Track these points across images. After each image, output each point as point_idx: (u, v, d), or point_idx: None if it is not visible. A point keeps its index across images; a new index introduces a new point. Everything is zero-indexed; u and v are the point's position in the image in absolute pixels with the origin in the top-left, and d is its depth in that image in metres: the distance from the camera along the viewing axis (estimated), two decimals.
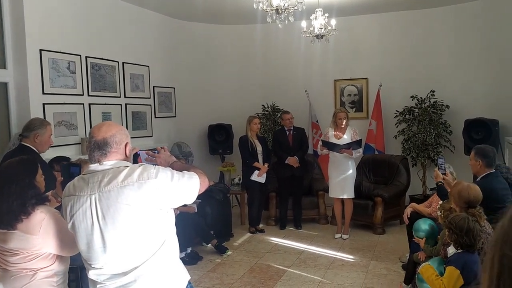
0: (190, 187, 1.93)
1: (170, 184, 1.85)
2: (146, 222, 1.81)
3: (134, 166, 1.87)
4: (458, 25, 6.53)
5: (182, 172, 1.94)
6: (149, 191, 1.79)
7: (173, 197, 1.89)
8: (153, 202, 1.81)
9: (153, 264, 1.84)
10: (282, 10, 4.31)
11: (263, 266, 4.88)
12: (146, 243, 1.83)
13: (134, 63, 6.02)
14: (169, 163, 2.14)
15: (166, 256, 1.89)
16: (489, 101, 6.27)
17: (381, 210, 5.88)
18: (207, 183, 2.04)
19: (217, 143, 7.20)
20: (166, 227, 1.90)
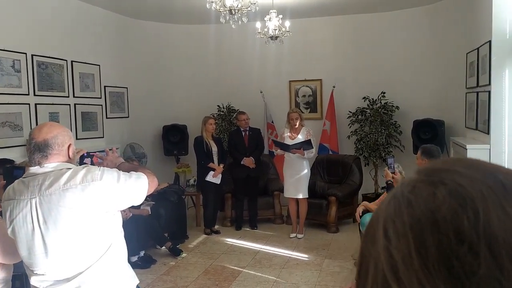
0: (138, 188, 1.89)
1: (116, 185, 1.80)
2: (91, 226, 1.75)
3: (77, 168, 1.81)
4: (407, 29, 6.76)
5: (129, 173, 1.89)
6: (93, 194, 1.73)
7: (120, 199, 1.84)
8: (98, 205, 1.75)
9: (98, 269, 1.78)
10: (235, 11, 4.31)
11: (218, 267, 4.86)
12: (91, 248, 1.77)
13: (83, 61, 5.83)
14: (116, 164, 2.09)
15: (112, 261, 1.84)
16: (435, 103, 6.53)
17: (335, 209, 5.99)
18: (156, 183, 2.00)
19: (172, 144, 7.10)
20: (113, 230, 1.85)
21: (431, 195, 0.43)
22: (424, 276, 0.41)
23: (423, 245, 0.42)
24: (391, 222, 0.45)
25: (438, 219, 0.42)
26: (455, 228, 0.41)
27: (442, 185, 0.44)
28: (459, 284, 0.40)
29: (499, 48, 4.32)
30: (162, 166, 7.15)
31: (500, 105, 4.37)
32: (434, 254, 0.41)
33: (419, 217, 0.43)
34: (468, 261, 0.40)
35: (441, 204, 0.42)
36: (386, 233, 0.45)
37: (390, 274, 0.43)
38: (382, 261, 0.44)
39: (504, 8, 4.29)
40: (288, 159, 5.76)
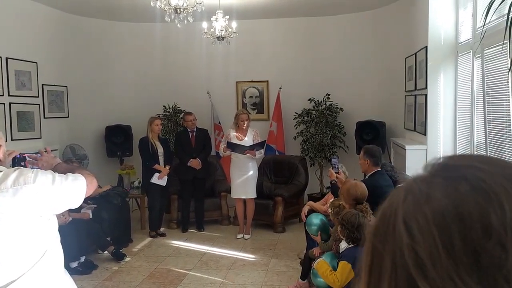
0: (75, 190, 1.79)
1: (50, 188, 1.70)
2: (23, 231, 1.65)
3: (8, 170, 1.69)
4: (350, 33, 6.97)
5: (65, 175, 1.80)
6: (26, 198, 1.63)
7: (55, 202, 1.74)
8: (31, 209, 1.65)
9: (32, 277, 1.68)
10: (181, 10, 4.25)
11: (163, 270, 4.76)
12: (24, 255, 1.66)
13: (19, 59, 5.52)
14: (52, 165, 1.98)
15: (48, 268, 1.74)
16: (377, 105, 6.77)
17: (281, 209, 6.05)
18: (95, 184, 1.91)
19: (115, 145, 6.89)
20: (48, 235, 1.75)
21: (453, 190, 0.44)
22: (453, 271, 0.41)
23: (450, 240, 0.42)
24: (413, 218, 0.44)
25: (464, 213, 0.42)
26: (482, 222, 0.41)
27: (463, 180, 0.44)
28: (488, 277, 0.40)
29: (434, 54, 4.55)
30: (105, 167, 6.91)
31: (435, 107, 4.61)
32: (461, 249, 0.41)
33: (443, 212, 0.43)
34: (496, 255, 0.40)
35: (465, 199, 0.43)
36: (408, 230, 0.44)
37: (416, 271, 0.43)
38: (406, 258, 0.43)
39: (439, 16, 4.53)
40: (235, 160, 5.76)
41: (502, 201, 0.42)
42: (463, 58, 4.26)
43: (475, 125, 3.92)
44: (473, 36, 3.90)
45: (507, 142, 3.07)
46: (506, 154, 3.11)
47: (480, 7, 3.71)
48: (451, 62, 4.51)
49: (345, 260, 2.97)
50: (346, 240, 3.06)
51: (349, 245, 3.05)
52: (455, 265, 0.41)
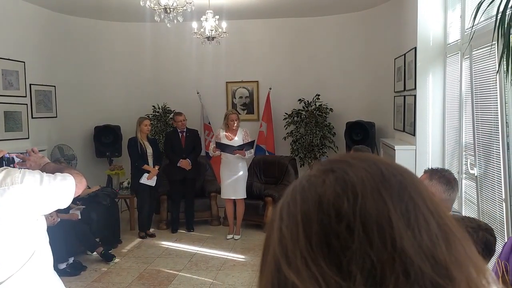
0: (64, 189, 1.77)
1: (39, 188, 1.68)
2: (11, 232, 1.62)
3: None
4: (340, 34, 6.99)
5: (54, 174, 1.78)
6: (13, 198, 1.61)
7: (44, 203, 1.72)
8: (19, 210, 1.63)
9: (20, 278, 1.66)
10: (170, 10, 4.23)
11: (153, 271, 4.74)
12: (11, 256, 1.64)
13: (6, 58, 5.45)
14: (40, 165, 1.95)
15: (36, 269, 1.72)
16: (366, 105, 6.81)
17: (271, 209, 6.04)
18: (84, 184, 1.88)
19: (104, 145, 6.83)
20: (36, 236, 1.73)
21: (321, 181, 0.49)
22: (308, 253, 0.46)
23: (309, 224, 0.47)
24: (286, 205, 0.50)
25: (323, 201, 0.47)
26: (336, 208, 0.46)
27: (331, 172, 0.50)
28: (336, 258, 0.45)
29: (423, 55, 4.58)
30: (94, 168, 6.85)
31: (424, 108, 4.64)
32: (317, 232, 0.46)
33: (309, 200, 0.48)
34: (344, 237, 0.45)
35: (327, 188, 0.48)
36: (280, 215, 0.50)
37: (279, 251, 0.48)
38: (275, 240, 0.49)
39: (428, 18, 4.56)
40: (225, 160, 5.75)
41: (357, 191, 0.47)
42: (451, 59, 4.30)
43: (464, 125, 3.95)
44: (462, 37, 3.93)
45: (495, 142, 3.10)
46: (494, 154, 3.14)
47: (469, 9, 3.75)
48: (439, 63, 4.54)
49: None
50: None
51: None
52: (309, 245, 0.46)
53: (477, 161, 3.50)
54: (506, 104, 2.92)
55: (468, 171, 3.78)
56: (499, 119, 2.98)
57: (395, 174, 0.50)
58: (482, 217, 3.35)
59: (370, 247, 0.44)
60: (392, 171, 0.51)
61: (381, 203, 0.46)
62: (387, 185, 0.48)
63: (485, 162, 3.34)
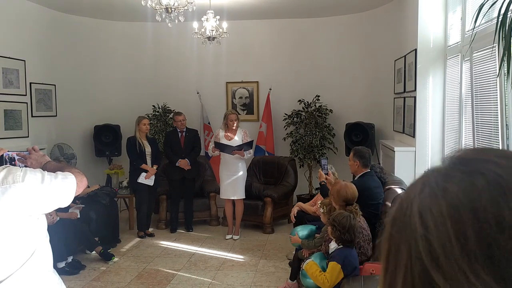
0: (65, 188, 1.76)
1: (40, 187, 1.67)
2: (12, 231, 1.62)
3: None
4: (340, 35, 7.00)
5: (55, 173, 1.77)
6: (15, 197, 1.60)
7: (45, 201, 1.71)
8: (20, 208, 1.63)
9: (21, 277, 1.66)
10: (172, 9, 4.23)
11: (152, 271, 4.73)
12: (12, 254, 1.64)
13: (7, 56, 5.45)
14: (41, 163, 1.95)
15: (36, 268, 1.71)
16: (366, 107, 6.81)
17: (270, 210, 6.05)
18: (85, 183, 1.88)
19: (104, 144, 6.83)
20: (36, 235, 1.73)
21: (469, 185, 0.44)
22: (465, 263, 0.42)
23: (463, 233, 0.43)
24: (428, 210, 0.45)
25: (478, 208, 0.43)
26: (496, 217, 0.42)
27: (480, 174, 0.45)
28: (499, 270, 0.41)
29: (423, 56, 4.59)
30: (93, 167, 6.86)
31: (424, 110, 4.65)
32: (474, 242, 0.42)
33: (458, 205, 0.44)
34: (508, 249, 0.41)
35: (480, 194, 0.43)
36: (422, 221, 0.45)
37: (429, 261, 0.44)
38: (420, 249, 0.45)
39: (429, 19, 4.57)
40: (224, 160, 5.75)
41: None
42: (452, 61, 4.31)
43: (463, 127, 3.96)
44: (462, 39, 3.94)
45: (495, 144, 3.10)
46: None
47: (469, 11, 3.76)
48: (440, 65, 4.55)
49: (335, 261, 2.98)
50: (336, 241, 3.07)
51: (339, 246, 3.06)
52: (467, 257, 0.42)
53: None
54: (506, 107, 2.92)
55: None
56: (499, 121, 2.99)
57: None
58: None
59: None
60: None
61: None
62: None
63: None
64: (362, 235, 3.24)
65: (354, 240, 3.05)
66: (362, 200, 3.47)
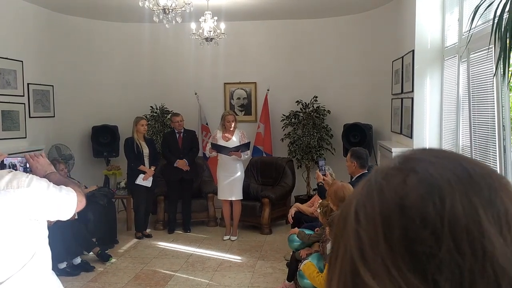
0: (67, 203, 1.81)
1: (44, 195, 1.71)
2: (13, 233, 1.65)
3: (2, 172, 1.70)
4: (338, 36, 7.01)
5: (59, 186, 1.81)
6: (17, 201, 1.63)
7: (47, 210, 1.74)
8: (22, 212, 1.65)
9: (21, 279, 1.67)
10: (169, 10, 4.23)
11: (149, 272, 4.73)
12: (13, 256, 1.66)
13: (4, 57, 5.44)
14: (46, 172, 1.97)
15: (36, 270, 1.73)
16: (364, 108, 6.82)
17: (268, 210, 6.05)
18: (84, 203, 1.91)
19: (102, 145, 6.82)
20: (37, 238, 1.75)
21: (401, 182, 0.45)
22: (389, 258, 0.43)
23: (390, 228, 0.44)
24: (362, 205, 0.47)
25: (406, 204, 0.44)
26: (421, 213, 0.43)
27: (413, 173, 0.46)
28: (420, 266, 0.42)
29: (421, 57, 4.60)
30: (91, 168, 6.85)
31: (421, 111, 4.66)
32: (399, 238, 0.43)
33: (389, 202, 0.45)
34: (429, 244, 0.42)
35: (410, 191, 0.44)
36: (356, 216, 0.47)
37: (357, 255, 0.45)
38: (351, 243, 0.46)
39: (426, 21, 4.58)
40: (222, 161, 5.75)
41: (444, 195, 0.43)
42: (449, 62, 4.32)
43: (461, 128, 3.97)
44: (459, 40, 3.95)
45: (492, 145, 3.11)
46: (490, 157, 3.15)
47: (466, 12, 3.77)
48: (437, 66, 4.56)
49: None
50: None
51: None
52: (390, 251, 0.43)
53: None
54: (502, 107, 2.93)
55: None
56: (496, 122, 3.00)
57: (484, 176, 0.46)
58: None
59: (459, 256, 0.41)
60: (480, 172, 0.46)
61: (471, 209, 0.43)
62: (477, 188, 0.44)
63: None
64: None
65: None
66: None
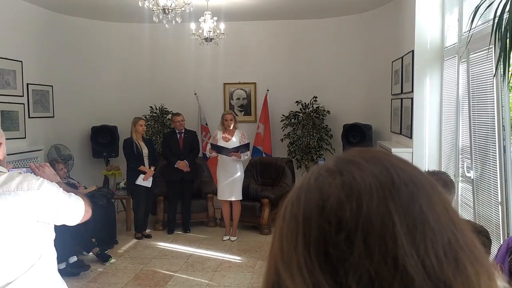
0: (75, 210, 1.84)
1: (54, 199, 1.72)
2: (21, 235, 1.66)
3: (12, 173, 1.71)
4: (338, 36, 7.01)
5: (68, 193, 1.83)
6: (27, 203, 1.64)
7: (55, 214, 1.76)
8: (31, 214, 1.66)
9: (29, 279, 1.68)
10: (169, 10, 4.23)
11: (149, 272, 4.73)
12: (21, 257, 1.67)
13: (4, 57, 5.43)
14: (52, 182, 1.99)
15: (44, 270, 1.75)
16: (363, 108, 6.82)
17: (267, 211, 6.05)
18: (89, 214, 1.94)
19: (101, 145, 6.82)
20: (44, 239, 1.76)
21: (326, 184, 0.46)
22: (304, 259, 0.44)
23: (309, 228, 0.45)
24: (290, 203, 0.48)
25: (326, 206, 0.45)
26: (337, 216, 0.44)
27: (339, 175, 0.46)
28: (332, 268, 0.43)
29: (421, 58, 4.60)
30: (91, 168, 6.85)
31: (421, 111, 4.66)
32: (316, 238, 0.44)
33: (312, 202, 0.46)
34: (342, 248, 0.43)
35: (331, 193, 0.45)
36: (284, 214, 0.48)
37: (278, 251, 0.46)
38: (276, 240, 0.48)
39: (426, 21, 4.58)
40: (222, 161, 5.74)
41: (362, 200, 0.44)
42: (449, 62, 4.32)
43: (460, 128, 3.97)
44: (459, 40, 3.95)
45: (492, 146, 3.11)
46: (490, 158, 3.15)
47: (466, 12, 3.77)
48: (437, 66, 4.56)
49: None
50: None
51: None
52: (307, 251, 0.44)
53: (473, 164, 3.51)
54: (502, 108, 2.93)
55: (464, 174, 3.79)
56: (496, 122, 3.00)
57: (407, 183, 0.46)
58: (478, 220, 3.36)
59: (369, 262, 0.42)
60: (405, 179, 0.46)
61: (387, 216, 0.43)
62: (396, 196, 0.44)
63: (482, 165, 3.35)
64: None
65: None
66: None
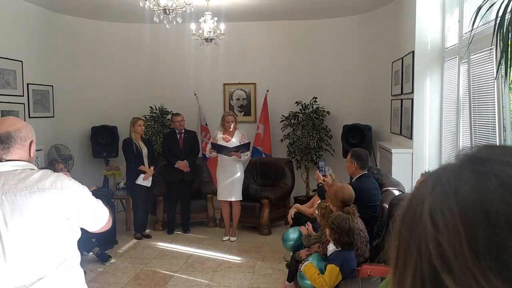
0: (101, 215, 1.89)
1: (85, 200, 1.78)
2: (54, 232, 1.69)
3: (46, 171, 1.75)
4: (338, 37, 7.01)
5: (97, 199, 1.89)
6: (60, 200, 1.68)
7: (83, 215, 1.80)
8: (63, 213, 1.70)
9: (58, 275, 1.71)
10: (169, 11, 4.23)
11: (149, 272, 4.72)
12: (53, 253, 1.70)
13: (4, 57, 5.43)
14: None
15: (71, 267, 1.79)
16: (363, 109, 6.83)
17: (267, 211, 6.05)
18: (110, 224, 2.00)
19: (101, 145, 6.81)
20: (73, 238, 1.81)
21: (482, 186, 0.43)
22: (475, 266, 0.41)
23: (474, 235, 0.42)
24: (439, 211, 0.45)
25: (490, 210, 0.42)
26: (507, 219, 0.41)
27: (493, 176, 0.44)
28: (508, 272, 0.40)
29: (421, 59, 4.61)
30: (91, 168, 6.84)
31: (421, 112, 4.66)
32: (485, 245, 0.41)
33: (469, 207, 0.43)
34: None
35: (493, 196, 0.42)
36: (433, 222, 0.44)
37: (439, 263, 0.43)
38: (430, 250, 0.44)
39: (426, 22, 4.59)
40: (222, 161, 5.74)
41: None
42: (449, 63, 4.32)
43: (461, 129, 3.97)
44: (460, 41, 3.95)
45: None
46: None
47: (467, 13, 3.77)
48: (437, 67, 4.57)
49: (333, 263, 2.98)
50: (335, 243, 3.07)
51: (337, 248, 3.06)
52: (477, 261, 0.41)
53: None
54: (503, 109, 2.94)
55: None
56: (497, 123, 3.00)
57: None
58: None
59: None
60: None
61: None
62: None
63: None
64: (359, 236, 3.24)
65: (353, 242, 3.05)
66: (360, 202, 3.48)
